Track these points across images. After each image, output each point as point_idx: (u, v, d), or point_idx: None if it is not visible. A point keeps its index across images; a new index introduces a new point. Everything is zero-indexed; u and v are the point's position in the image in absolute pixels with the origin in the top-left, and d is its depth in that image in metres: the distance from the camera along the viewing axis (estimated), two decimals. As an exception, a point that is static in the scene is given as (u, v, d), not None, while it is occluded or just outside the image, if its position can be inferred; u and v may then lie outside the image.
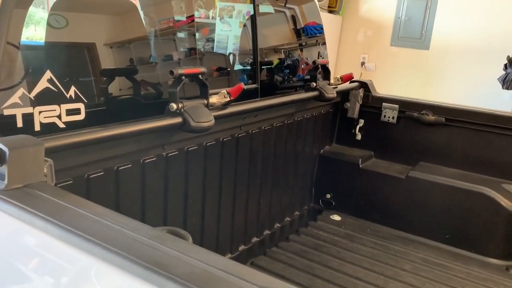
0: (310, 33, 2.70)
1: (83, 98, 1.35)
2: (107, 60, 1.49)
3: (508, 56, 4.50)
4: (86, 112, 1.36)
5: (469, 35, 4.88)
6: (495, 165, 2.38)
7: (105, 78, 1.46)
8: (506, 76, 4.45)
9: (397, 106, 2.61)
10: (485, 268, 2.19)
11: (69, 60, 1.36)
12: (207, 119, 1.51)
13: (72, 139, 1.20)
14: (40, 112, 1.23)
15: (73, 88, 1.33)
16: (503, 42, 4.59)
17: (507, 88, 4.49)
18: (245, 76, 2.15)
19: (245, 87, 1.84)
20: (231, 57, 2.10)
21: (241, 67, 2.16)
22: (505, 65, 4.49)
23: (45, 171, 1.01)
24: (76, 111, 1.33)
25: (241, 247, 2.20)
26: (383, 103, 2.65)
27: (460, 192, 2.33)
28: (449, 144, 2.51)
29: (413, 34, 5.22)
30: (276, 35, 2.47)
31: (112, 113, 1.44)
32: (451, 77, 4.98)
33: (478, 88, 4.71)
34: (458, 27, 4.94)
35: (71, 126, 1.31)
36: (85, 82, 1.41)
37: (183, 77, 1.47)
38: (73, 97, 1.33)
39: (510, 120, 2.35)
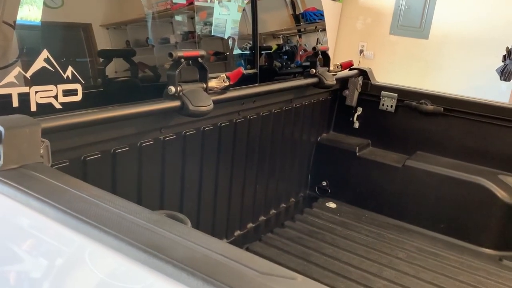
0: (310, 19, 2.66)
1: (80, 79, 1.33)
2: (103, 41, 1.46)
3: (507, 48, 4.48)
4: (83, 93, 1.34)
5: (468, 25, 4.85)
6: (492, 156, 2.39)
7: (102, 59, 1.44)
8: (505, 67, 4.44)
9: (396, 95, 2.60)
10: (478, 258, 2.20)
11: (65, 40, 1.33)
12: (206, 103, 1.49)
13: (69, 120, 1.19)
14: (36, 92, 1.21)
15: (70, 69, 1.30)
16: (502, 33, 4.57)
17: (505, 80, 4.49)
18: (244, 61, 2.13)
19: (245, 72, 1.82)
20: (230, 41, 2.07)
21: (240, 51, 2.13)
22: (504, 56, 4.48)
23: (41, 152, 1.00)
24: (73, 92, 1.31)
25: (237, 233, 2.21)
26: (382, 92, 2.64)
27: (456, 182, 2.34)
28: (446, 134, 2.51)
29: (412, 23, 5.19)
30: (274, 20, 2.44)
31: (110, 95, 1.42)
32: (449, 67, 4.97)
33: (476, 79, 4.71)
34: (457, 17, 4.91)
35: (68, 107, 1.28)
36: (82, 62, 1.38)
37: (182, 60, 1.45)
38: (70, 78, 1.30)
39: (508, 111, 2.35)
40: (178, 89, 1.45)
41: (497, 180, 2.31)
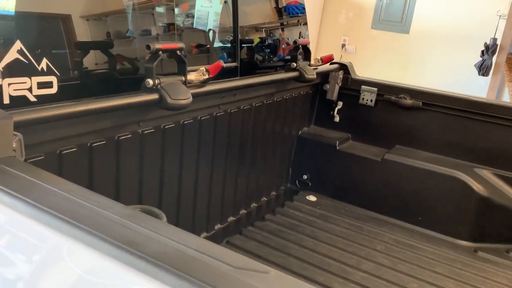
0: (292, 13, 2.66)
1: (56, 71, 1.30)
2: (83, 32, 1.44)
3: (485, 43, 4.57)
4: (58, 86, 1.31)
5: (448, 21, 4.92)
6: (469, 150, 2.43)
7: (79, 51, 1.41)
8: (483, 62, 4.53)
9: (376, 89, 2.63)
10: (454, 249, 2.25)
11: (41, 31, 1.30)
12: (184, 97, 1.48)
13: (43, 113, 1.16)
14: (9, 84, 1.18)
15: (45, 60, 1.27)
16: (481, 29, 4.65)
17: (483, 75, 4.58)
18: (225, 54, 2.12)
19: (225, 65, 1.81)
20: (210, 34, 2.06)
21: (221, 44, 2.12)
22: (482, 51, 4.57)
23: (14, 146, 0.98)
24: (48, 84, 1.28)
25: (217, 226, 2.21)
26: (362, 86, 2.66)
27: (433, 175, 2.38)
28: (425, 128, 2.54)
29: (394, 17, 5.23)
30: (257, 13, 2.43)
31: (86, 88, 1.40)
32: (429, 62, 5.04)
33: (455, 74, 4.78)
34: (438, 13, 4.97)
35: (43, 100, 1.26)
36: (58, 54, 1.35)
37: (160, 52, 1.43)
38: (45, 70, 1.28)
39: (485, 106, 2.40)
40: (156, 82, 1.43)
41: (473, 173, 2.36)
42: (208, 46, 2.04)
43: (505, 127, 2.33)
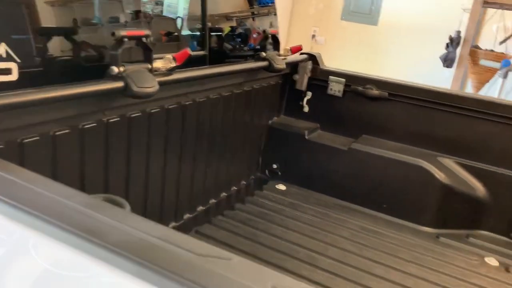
0: (263, 2, 2.66)
1: (16, 58, 1.26)
2: (47, 18, 1.40)
3: (450, 36, 4.69)
4: (19, 73, 1.27)
5: (415, 13, 5.02)
6: (433, 139, 2.50)
7: (42, 37, 1.37)
8: (447, 55, 4.65)
9: (344, 80, 2.66)
10: (417, 235, 2.33)
11: (0, 15, 1.26)
12: (150, 84, 1.46)
13: (2, 101, 1.13)
14: (-35, 71, 1.14)
15: (3, 46, 1.23)
16: (446, 22, 4.76)
17: (447, 66, 4.71)
18: (195, 42, 2.10)
19: (193, 53, 1.79)
20: (179, 22, 2.03)
21: (189, 32, 2.10)
22: (447, 44, 4.69)
23: (-30, 134, 0.95)
24: (7, 71, 1.24)
25: (186, 216, 2.20)
26: (330, 76, 2.69)
27: (398, 164, 2.44)
28: (391, 118, 2.60)
29: (362, 9, 5.29)
30: (227, 1, 2.41)
31: (49, 76, 1.36)
32: (396, 54, 5.14)
33: (421, 65, 4.89)
34: (405, 5, 5.06)
35: (2, 87, 1.22)
36: (19, 40, 1.31)
37: (126, 39, 1.41)
38: (4, 56, 1.23)
39: (449, 96, 2.47)
40: (121, 69, 1.41)
41: (436, 162, 2.43)
42: (176, 34, 2.02)
43: (467, 117, 2.41)
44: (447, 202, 2.40)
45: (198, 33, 2.11)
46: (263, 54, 2.30)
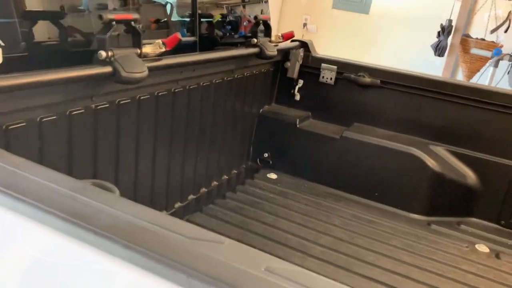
0: (253, -11, 2.62)
1: (0, 41, 1.22)
2: (34, 2, 1.36)
3: (441, 25, 4.69)
4: (4, 58, 1.23)
5: (406, 1, 5.01)
6: (424, 127, 2.50)
7: (28, 22, 1.33)
8: (439, 43, 4.65)
9: (335, 67, 2.64)
10: (409, 223, 2.33)
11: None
12: (140, 70, 1.43)
13: (-14, 85, 1.09)
14: None
15: (-13, 29, 1.19)
16: (438, 10, 4.76)
17: (439, 55, 4.71)
18: (185, 29, 2.06)
19: (183, 39, 1.76)
20: (168, 7, 1.99)
21: (179, 18, 2.06)
22: (438, 32, 4.69)
23: (-48, 118, 0.91)
24: (-9, 55, 1.20)
25: (177, 204, 2.18)
26: (322, 64, 2.67)
27: (389, 152, 2.44)
28: (382, 106, 2.59)
29: (354, -3, 5.26)
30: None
31: (35, 60, 1.32)
32: (388, 42, 5.13)
33: (413, 54, 4.89)
34: (396, -7, 5.05)
35: (-15, 71, 1.18)
36: (4, 24, 1.27)
37: (114, 23, 1.37)
38: (-12, 39, 1.20)
39: (440, 84, 2.46)
40: (109, 54, 1.37)
41: (428, 149, 2.44)
42: (166, 19, 1.98)
43: (458, 105, 2.41)
44: (439, 190, 2.41)
45: (188, 19, 2.07)
46: (254, 40, 2.27)
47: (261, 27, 2.38)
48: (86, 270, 0.64)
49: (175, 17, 2.05)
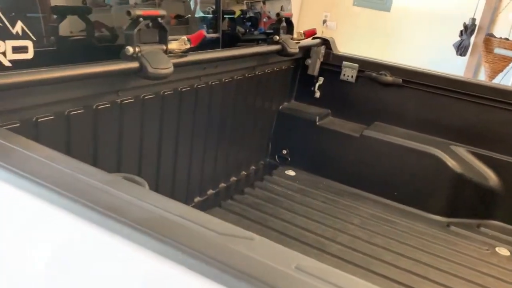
0: (274, -15, 2.62)
1: (32, 36, 1.25)
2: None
3: (464, 23, 4.62)
4: (35, 52, 1.26)
5: (428, 0, 4.93)
6: (446, 127, 2.48)
7: (56, 16, 1.36)
8: (461, 42, 4.58)
9: (357, 65, 2.63)
10: (428, 224, 2.32)
11: (14, -7, 1.24)
12: (165, 66, 1.45)
13: (20, 78, 1.12)
14: (-19, 47, 1.13)
15: (19, 24, 1.22)
16: (461, 9, 4.68)
17: (461, 55, 4.64)
18: (206, 25, 2.07)
19: (207, 35, 1.77)
20: (191, 4, 2.01)
21: (202, 14, 2.07)
22: (461, 31, 4.62)
23: (-12, 111, 0.94)
24: (23, 49, 1.23)
25: (197, 199, 2.21)
26: (343, 62, 2.66)
27: (410, 152, 2.42)
28: (404, 105, 2.57)
29: (375, -6, 5.22)
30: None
31: (64, 55, 1.35)
32: (409, 40, 5.07)
33: (434, 53, 4.83)
34: (418, -10, 4.98)
35: (18, 65, 1.21)
36: (34, 18, 1.30)
37: (141, 19, 1.39)
38: (20, 34, 1.22)
39: (463, 84, 2.43)
40: (137, 49, 1.39)
41: (449, 150, 2.41)
42: (190, 16, 1.99)
43: (481, 105, 2.38)
44: (459, 191, 2.39)
45: (211, 15, 2.08)
46: (277, 37, 2.27)
47: (284, 23, 2.38)
48: (120, 263, 0.66)
49: (198, 13, 2.06)
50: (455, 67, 4.63)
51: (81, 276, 0.69)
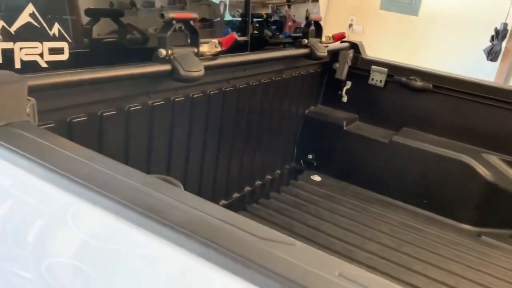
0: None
1: (67, 37, 1.27)
2: (85, 1, 1.40)
3: (496, 28, 4.51)
4: (70, 53, 1.28)
5: (458, 4, 4.84)
6: (477, 134, 2.41)
7: (90, 19, 1.38)
8: (492, 48, 4.47)
9: (386, 70, 2.59)
10: (458, 233, 2.26)
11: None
12: (197, 68, 1.45)
13: (56, 79, 1.14)
14: (21, 49, 1.16)
15: (56, 26, 1.24)
16: (492, 13, 4.57)
17: (492, 60, 4.53)
18: (234, 28, 2.08)
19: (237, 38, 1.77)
20: (221, 7, 2.01)
21: (230, 18, 2.07)
22: (492, 36, 4.51)
23: (27, 110, 0.96)
24: (60, 50, 1.25)
25: (222, 202, 2.20)
26: (372, 66, 2.62)
27: (440, 159, 2.36)
28: (434, 111, 2.52)
29: (403, -1, 5.15)
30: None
31: (98, 56, 1.37)
32: (437, 45, 4.98)
33: (464, 58, 4.72)
34: (448, -5, 4.89)
35: (54, 66, 1.23)
36: (69, 20, 1.32)
37: (174, 22, 1.40)
38: (57, 35, 1.24)
39: (495, 90, 2.37)
40: (169, 52, 1.40)
41: (480, 158, 2.35)
42: (218, 19, 1.99)
43: (514, 112, 2.31)
44: (490, 200, 2.32)
45: (239, 19, 2.08)
46: (305, 41, 2.26)
47: (312, 27, 2.37)
48: (162, 265, 0.65)
49: (227, 17, 2.06)
50: (484, 73, 4.51)
51: (121, 276, 0.68)
